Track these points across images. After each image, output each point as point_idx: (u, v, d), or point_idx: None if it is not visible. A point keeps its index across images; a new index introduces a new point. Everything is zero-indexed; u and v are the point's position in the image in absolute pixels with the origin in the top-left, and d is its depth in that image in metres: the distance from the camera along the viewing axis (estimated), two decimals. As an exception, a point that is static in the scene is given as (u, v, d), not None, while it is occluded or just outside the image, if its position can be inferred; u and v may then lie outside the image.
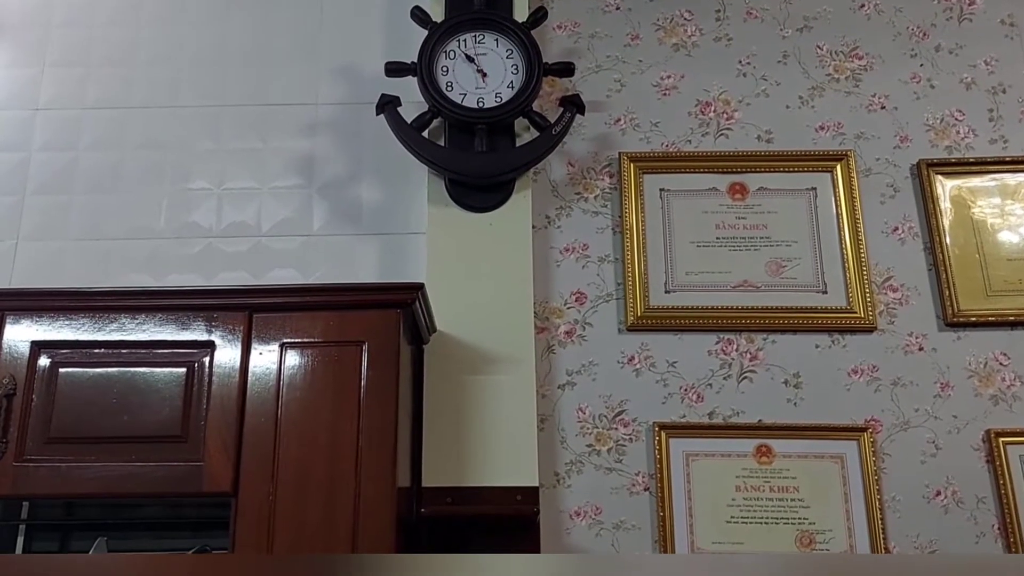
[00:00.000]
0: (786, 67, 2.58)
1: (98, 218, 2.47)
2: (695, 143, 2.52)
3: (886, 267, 2.42)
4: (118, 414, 1.94)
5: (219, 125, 2.53)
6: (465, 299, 2.29)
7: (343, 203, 2.46)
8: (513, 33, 2.39)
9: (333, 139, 2.51)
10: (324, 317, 2.00)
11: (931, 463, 2.27)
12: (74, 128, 2.54)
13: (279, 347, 1.98)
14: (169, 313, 2.00)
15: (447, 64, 2.39)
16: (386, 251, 2.40)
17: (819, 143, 2.52)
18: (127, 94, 2.56)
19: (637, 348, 2.36)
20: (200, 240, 2.45)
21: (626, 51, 2.59)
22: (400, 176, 2.45)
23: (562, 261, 2.43)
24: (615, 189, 2.48)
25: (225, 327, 2.00)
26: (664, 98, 2.55)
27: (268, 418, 1.93)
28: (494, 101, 2.35)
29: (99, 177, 2.50)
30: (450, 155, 2.33)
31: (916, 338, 2.36)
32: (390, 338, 1.97)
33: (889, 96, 2.55)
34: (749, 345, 2.37)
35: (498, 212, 2.35)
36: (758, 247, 2.44)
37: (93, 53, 2.60)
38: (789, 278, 2.42)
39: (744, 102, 2.55)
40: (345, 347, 1.98)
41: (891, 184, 2.49)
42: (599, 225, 2.45)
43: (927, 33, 2.60)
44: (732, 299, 2.40)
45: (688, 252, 2.43)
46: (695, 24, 2.61)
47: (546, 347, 2.36)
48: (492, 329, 2.27)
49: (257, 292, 2.03)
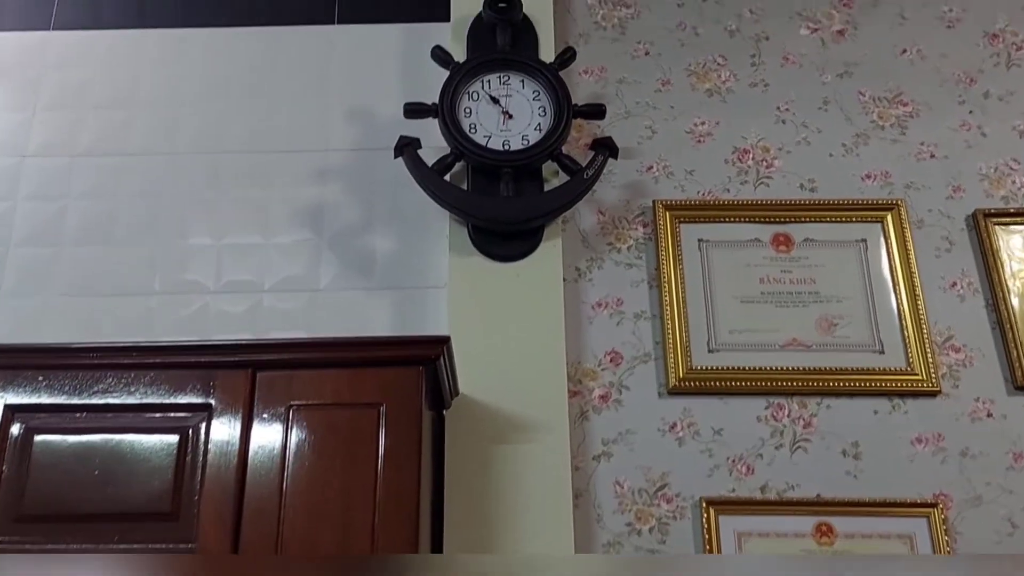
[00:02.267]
0: (827, 113, 2.42)
1: (86, 274, 2.26)
2: (734, 192, 2.34)
3: (946, 326, 2.23)
4: (101, 488, 1.70)
5: (220, 173, 2.34)
6: (491, 359, 2.07)
7: (354, 255, 2.25)
8: (540, 74, 2.23)
9: (344, 187, 2.32)
10: (336, 376, 1.77)
11: (1007, 543, 2.03)
12: (64, 176, 2.35)
13: (285, 410, 1.75)
14: (161, 372, 1.77)
15: (470, 105, 2.22)
16: (402, 307, 2.19)
17: (866, 192, 2.35)
18: (122, 140, 2.38)
19: (679, 414, 2.14)
20: (197, 298, 2.23)
21: (657, 96, 2.43)
22: (418, 225, 2.25)
23: (594, 317, 2.22)
24: (650, 239, 2.29)
25: (224, 388, 1.77)
26: (699, 145, 2.39)
27: (272, 491, 1.69)
28: (521, 144, 2.18)
29: (89, 229, 2.30)
30: (474, 199, 2.14)
31: (983, 403, 2.15)
32: (411, 399, 1.75)
33: (938, 144, 2.39)
34: (802, 410, 2.15)
35: (526, 262, 2.15)
36: (807, 303, 2.24)
37: (88, 96, 2.42)
38: (842, 337, 2.21)
39: (784, 149, 2.38)
40: (360, 410, 1.75)
41: (946, 236, 2.31)
42: (634, 278, 2.26)
43: (974, 79, 2.46)
44: (781, 359, 2.19)
45: (731, 308, 2.23)
46: (729, 69, 2.46)
47: (579, 413, 2.14)
48: (521, 393, 2.06)
49: (260, 348, 1.81)
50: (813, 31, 2.50)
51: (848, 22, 2.51)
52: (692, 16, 2.51)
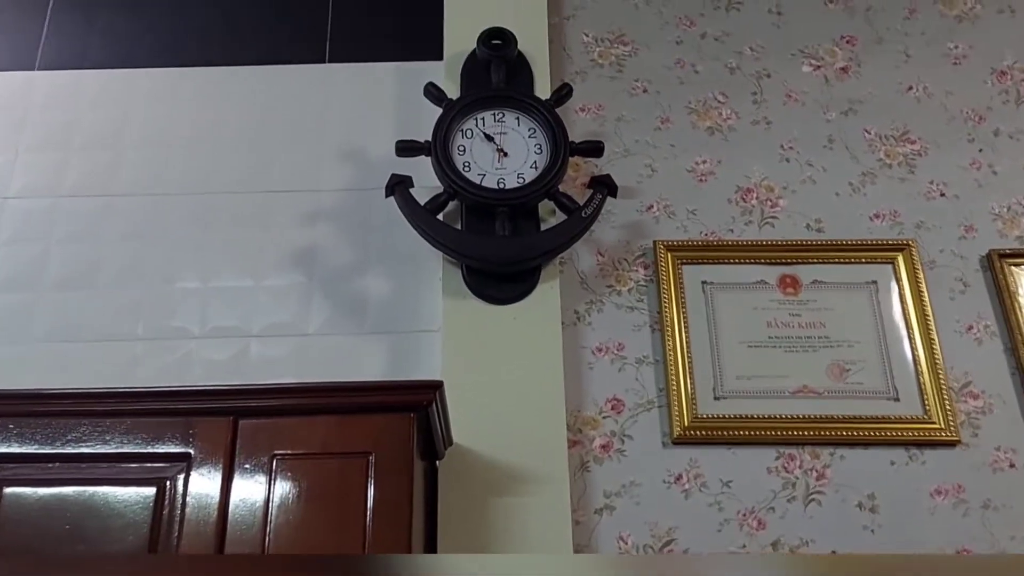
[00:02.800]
0: (832, 152, 2.35)
1: (68, 319, 2.17)
2: (738, 232, 2.26)
3: (963, 371, 2.13)
4: (72, 543, 1.59)
5: (209, 214, 2.27)
6: (486, 406, 1.98)
7: (346, 299, 2.17)
8: (536, 111, 2.17)
9: (336, 228, 2.24)
10: (323, 423, 1.68)
11: (1035, 599, 1.91)
12: (46, 218, 2.27)
13: (269, 460, 1.65)
14: (138, 420, 1.67)
15: (464, 143, 2.15)
16: (394, 352, 2.10)
17: (875, 232, 2.27)
18: (108, 181, 2.31)
19: (685, 465, 2.03)
20: (182, 344, 2.14)
21: (656, 135, 2.36)
22: (411, 267, 2.17)
23: (595, 363, 2.13)
24: (651, 281, 2.20)
25: (204, 436, 1.67)
26: (701, 184, 2.31)
27: (254, 547, 1.58)
28: (516, 182, 2.11)
29: (72, 273, 2.22)
30: (468, 239, 2.06)
31: (1005, 453, 2.05)
32: (402, 448, 1.65)
33: (948, 183, 2.32)
34: (814, 461, 2.05)
35: (522, 304, 2.07)
36: (816, 348, 2.15)
37: (73, 137, 2.36)
38: (855, 383, 2.12)
39: (789, 188, 2.31)
40: (348, 459, 1.65)
41: (960, 278, 2.22)
42: (635, 322, 2.17)
43: (983, 117, 2.40)
44: (791, 407, 2.09)
45: (738, 353, 2.13)
46: (730, 107, 2.40)
47: (579, 464, 2.03)
48: (518, 442, 1.96)
49: (243, 393, 1.71)
50: (815, 68, 2.45)
51: (851, 60, 2.46)
52: (691, 54, 2.45)
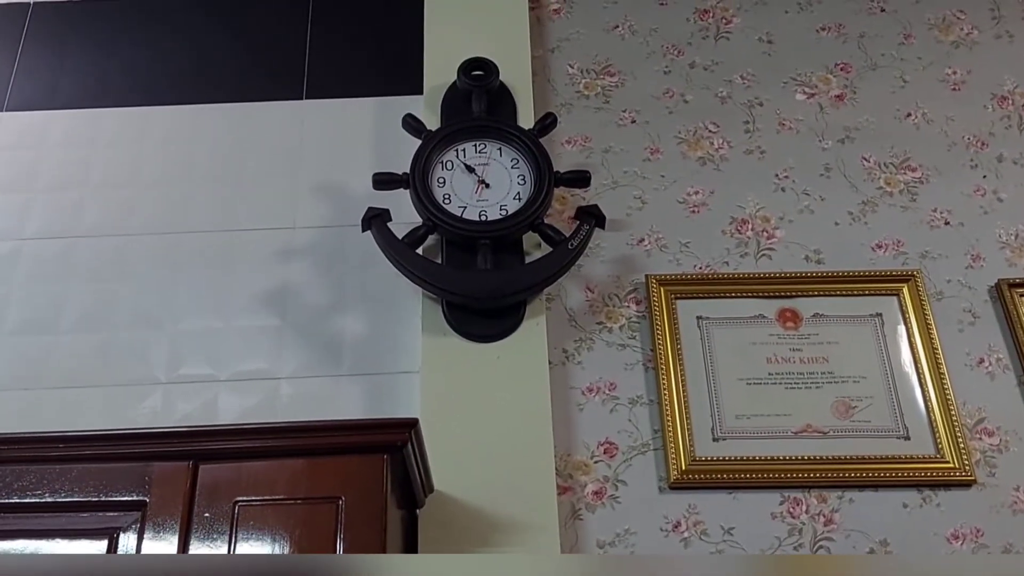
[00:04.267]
0: (830, 180, 2.26)
1: (27, 366, 2.06)
2: (733, 264, 2.16)
3: (976, 407, 2.01)
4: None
5: (178, 255, 2.17)
6: (469, 451, 1.86)
7: (321, 340, 2.06)
8: (519, 140, 2.09)
9: (311, 267, 2.14)
10: (289, 466, 1.55)
11: (1066, 652, 1.76)
12: (8, 261, 2.17)
13: (231, 507, 1.52)
14: (88, 465, 1.55)
15: (444, 175, 2.06)
16: (372, 395, 1.98)
17: (878, 263, 2.16)
18: (73, 222, 2.22)
19: (684, 511, 1.90)
20: (147, 389, 2.03)
21: (646, 166, 2.27)
22: (389, 306, 2.07)
23: (585, 404, 2.00)
24: (644, 317, 2.09)
25: (160, 483, 1.54)
26: (693, 215, 2.22)
27: (211, 604, 1.45)
28: (499, 214, 2.01)
29: (32, 316, 2.11)
30: (449, 273, 1.96)
31: (1024, 493, 1.92)
32: (374, 491, 1.52)
33: (952, 211, 2.22)
34: (821, 505, 1.91)
35: (507, 342, 1.95)
36: (820, 384, 2.03)
37: (38, 178, 2.27)
38: (862, 421, 1.99)
39: (786, 219, 2.21)
40: (316, 505, 1.52)
41: (968, 309, 2.11)
42: (627, 360, 2.05)
43: (985, 143, 2.31)
44: (795, 447, 1.96)
45: (737, 391, 2.01)
46: (722, 136, 2.31)
47: (570, 511, 1.89)
48: (504, 489, 1.83)
49: (202, 435, 1.58)
50: (809, 96, 2.37)
51: (846, 87, 2.38)
52: (679, 83, 2.38)
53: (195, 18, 2.47)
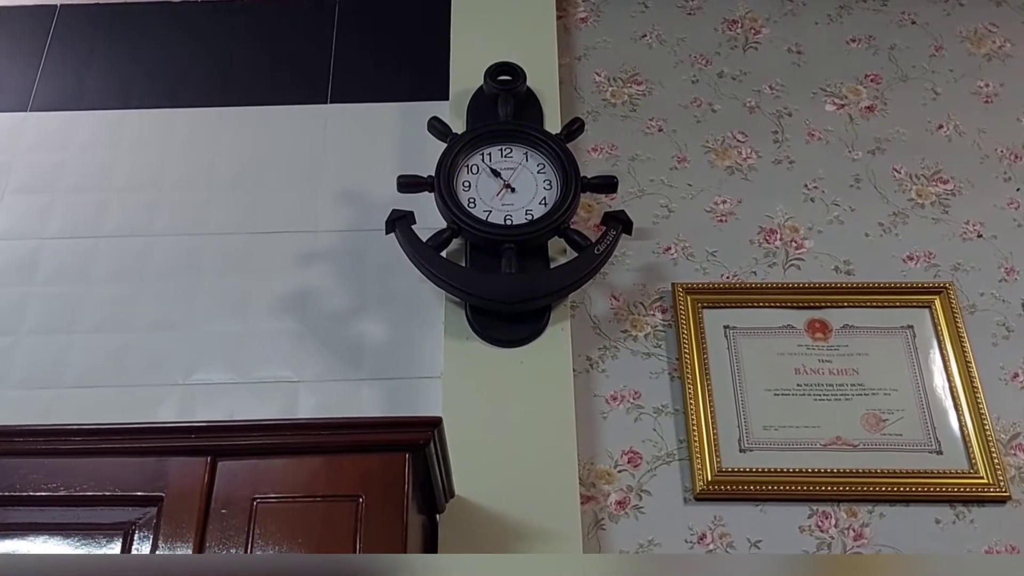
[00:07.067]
0: (860, 191, 2.23)
1: (45, 365, 2.04)
2: (761, 274, 2.12)
3: (1011, 422, 1.96)
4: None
5: (200, 257, 2.15)
6: (491, 457, 1.82)
7: (341, 344, 2.03)
8: (545, 145, 2.06)
9: (332, 271, 2.12)
10: (309, 464, 1.52)
11: (1107, 677, 1.70)
12: (29, 261, 2.16)
13: (250, 504, 1.48)
14: (103, 459, 1.52)
15: (469, 179, 2.04)
16: (393, 400, 1.95)
17: (909, 275, 2.12)
18: (95, 223, 2.20)
19: (709, 523, 1.85)
20: (166, 390, 2.00)
21: (672, 175, 2.25)
22: (411, 310, 2.04)
23: (609, 412, 1.97)
24: (669, 326, 2.06)
25: (177, 479, 1.50)
26: (721, 225, 2.18)
27: (227, 604, 1.41)
28: (524, 218, 1.99)
29: (52, 317, 2.09)
30: (473, 276, 1.93)
31: (1061, 510, 1.87)
32: (395, 490, 1.48)
33: (985, 223, 2.18)
34: (851, 519, 1.86)
35: (531, 347, 1.92)
36: (850, 396, 1.98)
37: (61, 179, 2.26)
38: (893, 435, 1.94)
39: (815, 229, 2.18)
40: (336, 503, 1.48)
41: (1002, 323, 2.07)
42: (653, 369, 2.01)
43: (1019, 156, 2.28)
44: (824, 460, 1.91)
45: (764, 402, 1.97)
46: (750, 146, 2.29)
47: (593, 521, 1.85)
48: (526, 497, 1.79)
49: (221, 431, 1.55)
50: (839, 107, 2.34)
51: (876, 98, 2.35)
52: (707, 92, 2.36)
53: (220, 21, 2.47)
